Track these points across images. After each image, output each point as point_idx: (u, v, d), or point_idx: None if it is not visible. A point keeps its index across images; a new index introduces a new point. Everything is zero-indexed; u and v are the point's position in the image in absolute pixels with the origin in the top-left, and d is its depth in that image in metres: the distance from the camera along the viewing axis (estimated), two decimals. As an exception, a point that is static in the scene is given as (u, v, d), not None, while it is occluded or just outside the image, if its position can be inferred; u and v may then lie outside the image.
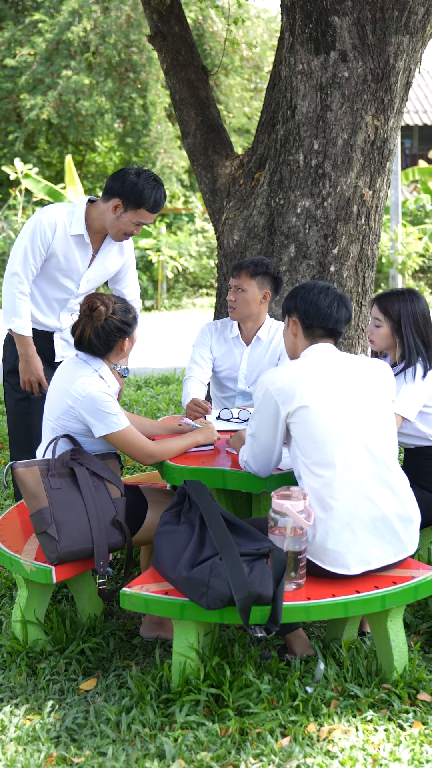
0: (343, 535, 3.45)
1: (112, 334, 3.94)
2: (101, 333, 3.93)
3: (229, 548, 3.32)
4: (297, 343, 3.73)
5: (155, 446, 3.97)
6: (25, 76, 23.45)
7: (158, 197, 4.54)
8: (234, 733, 3.18)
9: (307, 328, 3.68)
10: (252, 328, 5.01)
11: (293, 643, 3.80)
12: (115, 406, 3.87)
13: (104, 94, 23.94)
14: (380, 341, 4.30)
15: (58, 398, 3.91)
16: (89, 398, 3.83)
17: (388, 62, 5.42)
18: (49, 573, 3.72)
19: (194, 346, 5.12)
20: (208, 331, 5.13)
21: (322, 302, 3.65)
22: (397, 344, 4.25)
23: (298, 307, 3.70)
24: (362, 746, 3.13)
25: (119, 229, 4.60)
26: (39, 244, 4.57)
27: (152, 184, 4.53)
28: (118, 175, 4.55)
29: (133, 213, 4.55)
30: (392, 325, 4.24)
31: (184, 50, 6.81)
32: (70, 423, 3.90)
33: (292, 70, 5.52)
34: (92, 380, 3.88)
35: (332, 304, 3.66)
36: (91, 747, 3.19)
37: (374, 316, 4.30)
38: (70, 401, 3.86)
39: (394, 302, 4.24)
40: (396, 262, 21.24)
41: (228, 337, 5.06)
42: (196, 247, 23.80)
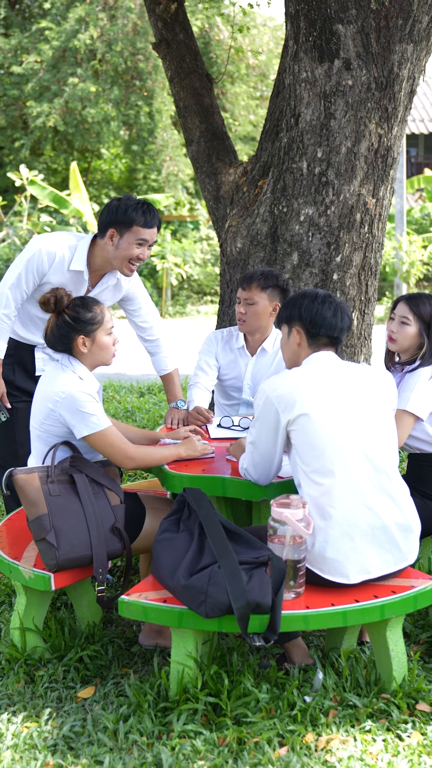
0: (342, 544, 3.43)
1: (64, 328, 3.92)
2: (55, 328, 3.94)
3: (228, 556, 3.31)
4: (299, 352, 3.72)
5: (136, 450, 3.95)
6: (31, 83, 23.50)
7: (145, 210, 4.47)
8: (231, 742, 3.17)
9: (312, 338, 3.67)
10: (258, 340, 5.01)
11: (292, 652, 3.78)
12: (95, 406, 3.85)
13: (110, 102, 23.98)
14: (405, 340, 4.32)
15: (41, 403, 3.90)
16: (69, 398, 3.81)
17: (392, 70, 5.42)
18: (47, 580, 3.71)
19: (200, 353, 5.13)
20: (214, 340, 5.13)
21: (327, 312, 3.65)
22: (426, 344, 4.27)
23: (302, 317, 3.68)
24: (360, 756, 3.12)
25: (122, 257, 4.49)
26: (34, 272, 4.51)
27: (135, 201, 4.49)
28: (104, 209, 4.55)
29: (128, 234, 4.46)
30: (421, 325, 4.27)
31: (188, 58, 6.82)
32: (54, 427, 3.88)
33: (296, 78, 5.52)
34: (72, 381, 3.86)
35: (336, 313, 3.66)
36: (88, 755, 3.18)
37: (402, 314, 4.31)
38: (50, 404, 3.84)
39: (425, 303, 4.29)
40: (400, 271, 21.22)
41: (234, 347, 5.06)
42: (200, 254, 23.80)
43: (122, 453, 3.90)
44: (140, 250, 4.49)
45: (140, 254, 4.50)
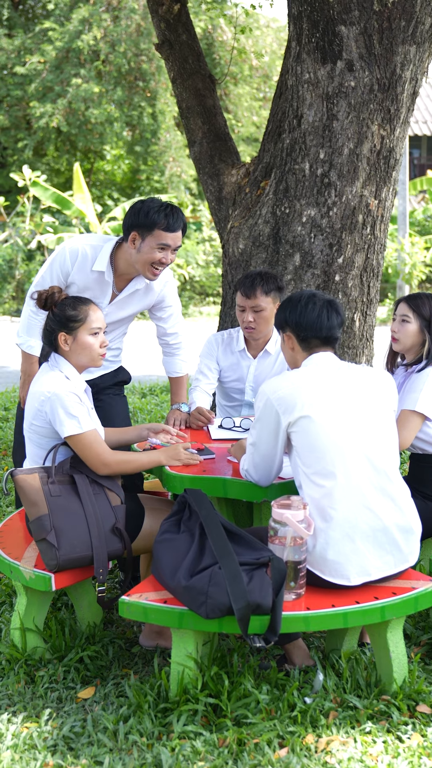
0: (343, 546, 3.43)
1: (49, 325, 3.94)
2: (44, 324, 3.97)
3: (229, 557, 3.31)
4: (296, 356, 3.72)
5: (112, 457, 3.90)
6: (34, 83, 23.54)
7: (168, 213, 4.35)
8: (231, 743, 3.16)
9: (302, 341, 3.68)
10: (261, 342, 5.00)
11: (292, 654, 3.78)
12: (79, 408, 3.83)
13: (113, 103, 24.01)
14: (406, 338, 4.35)
15: (31, 403, 3.90)
16: (55, 397, 3.79)
17: (395, 72, 5.42)
18: (48, 580, 3.71)
19: (201, 356, 5.12)
20: (215, 342, 5.13)
21: (310, 313, 3.64)
22: (427, 342, 4.31)
23: (288, 321, 3.70)
24: (360, 758, 3.11)
25: (144, 260, 4.40)
26: (58, 271, 4.49)
27: (158, 203, 4.38)
28: (128, 210, 4.45)
29: (150, 238, 4.35)
30: (422, 322, 4.32)
31: (191, 59, 6.82)
32: (42, 427, 3.87)
33: (299, 79, 5.52)
34: (58, 380, 3.85)
35: (321, 313, 3.65)
36: (87, 756, 3.18)
37: (402, 313, 4.36)
38: (37, 404, 3.84)
39: (424, 301, 4.34)
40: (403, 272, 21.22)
41: (234, 350, 5.06)
42: (203, 255, 23.82)
43: (98, 458, 3.87)
44: (162, 254, 4.38)
45: (162, 258, 4.39)
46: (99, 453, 3.86)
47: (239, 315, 4.89)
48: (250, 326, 4.85)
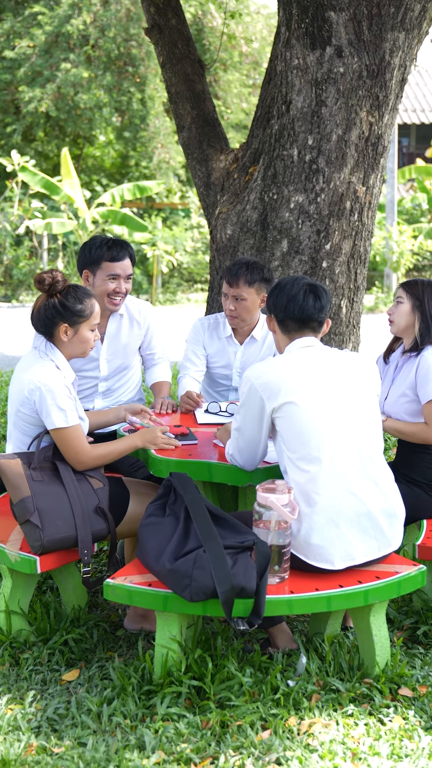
0: (327, 530, 3.45)
1: (50, 312, 3.90)
2: (42, 309, 3.92)
3: (213, 541, 3.32)
4: (279, 339, 3.74)
5: (90, 453, 3.89)
6: (23, 68, 23.40)
7: (111, 246, 4.63)
8: (215, 725, 3.18)
9: (280, 322, 3.70)
10: (247, 329, 5.01)
11: (276, 637, 3.80)
12: (68, 401, 3.83)
13: (103, 88, 23.88)
14: (400, 319, 4.41)
15: (18, 390, 3.89)
16: (47, 389, 3.79)
17: (384, 58, 5.41)
18: (33, 563, 3.72)
19: (187, 342, 5.12)
20: (201, 328, 5.12)
21: (287, 293, 3.66)
22: (416, 320, 4.35)
23: (269, 304, 3.73)
24: (342, 740, 3.14)
25: (101, 293, 4.65)
26: None
27: (101, 239, 4.66)
28: (77, 254, 4.74)
29: (99, 272, 4.64)
30: (414, 301, 4.37)
31: (180, 43, 6.79)
32: (28, 415, 3.87)
33: (288, 64, 5.51)
34: (49, 371, 3.85)
35: (298, 294, 3.66)
36: (71, 737, 3.19)
37: (398, 295, 4.44)
38: (26, 392, 3.82)
39: (418, 284, 4.41)
40: (390, 261, 21.24)
41: (221, 336, 5.06)
42: (191, 242, 23.77)
43: (76, 456, 3.86)
44: (115, 284, 4.65)
45: (116, 288, 4.66)
46: (78, 450, 3.86)
47: (223, 301, 4.91)
48: (231, 314, 4.86)
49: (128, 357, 4.92)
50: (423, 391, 4.22)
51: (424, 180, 23.01)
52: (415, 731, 3.21)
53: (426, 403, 4.21)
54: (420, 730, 3.21)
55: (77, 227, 20.36)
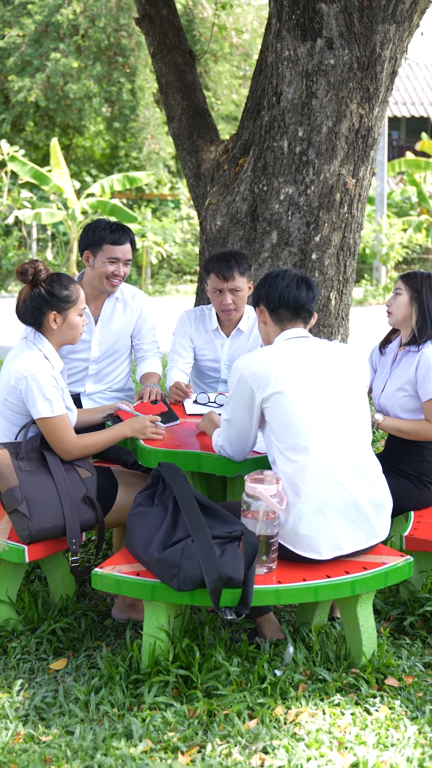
0: (315, 520, 3.46)
1: (37, 301, 3.89)
2: (28, 300, 3.91)
3: (202, 531, 3.33)
4: (269, 330, 3.74)
5: (77, 443, 3.90)
6: (13, 57, 23.31)
7: (114, 229, 4.72)
8: (202, 714, 3.19)
9: (272, 312, 3.70)
10: (234, 321, 5.00)
11: (263, 627, 3.81)
12: (55, 391, 3.83)
13: (93, 78, 23.81)
14: (398, 310, 4.41)
15: (5, 379, 3.88)
16: (33, 379, 3.79)
17: (375, 51, 5.42)
18: (21, 552, 3.72)
19: (174, 335, 5.11)
20: (187, 320, 5.11)
21: (280, 283, 3.68)
22: (414, 312, 4.35)
23: (260, 294, 3.74)
24: (328, 729, 3.15)
25: (99, 275, 4.75)
26: None
27: (104, 222, 4.76)
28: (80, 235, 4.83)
29: (100, 253, 4.73)
30: (412, 293, 4.37)
31: (171, 34, 6.78)
32: (15, 405, 3.86)
33: (279, 56, 5.51)
34: (37, 360, 3.85)
35: (291, 284, 3.68)
36: (59, 726, 3.20)
37: (396, 287, 4.44)
38: (13, 381, 3.82)
39: (417, 276, 4.40)
40: (380, 253, 21.27)
41: (208, 328, 5.05)
42: (181, 233, 23.76)
43: (62, 445, 3.87)
44: (114, 267, 4.74)
45: (115, 270, 4.74)
46: (64, 440, 3.87)
47: (215, 297, 4.87)
48: (228, 308, 4.85)
49: (120, 341, 4.96)
50: (423, 388, 4.23)
51: (413, 173, 23.04)
52: (401, 721, 3.23)
53: (427, 401, 4.23)
54: (406, 720, 3.23)
55: (66, 217, 20.32)
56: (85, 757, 2.97)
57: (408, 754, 3.01)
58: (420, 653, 3.80)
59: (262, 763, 2.96)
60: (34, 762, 2.91)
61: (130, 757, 2.93)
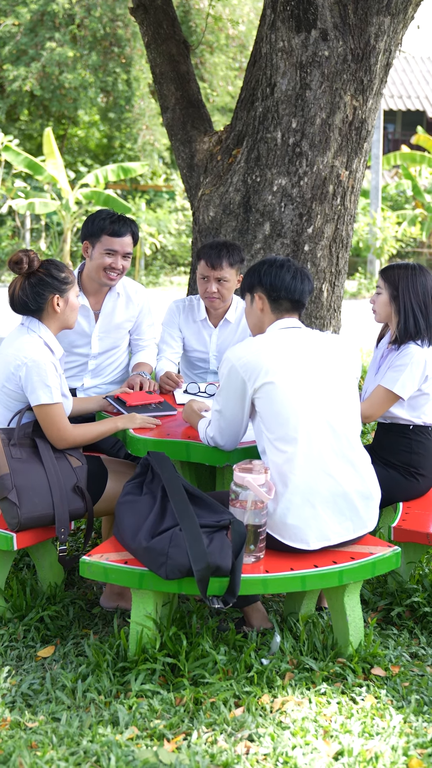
0: (303, 511, 3.47)
1: (38, 287, 3.89)
2: (27, 287, 3.90)
3: (190, 519, 3.34)
4: (263, 318, 3.74)
5: (72, 432, 3.90)
6: (8, 46, 23.25)
7: (115, 220, 4.62)
8: (188, 702, 3.21)
9: (273, 302, 3.70)
10: (221, 311, 5.00)
11: (251, 616, 3.83)
12: (54, 378, 3.84)
13: (88, 68, 23.76)
14: (380, 309, 4.40)
15: (4, 365, 3.88)
16: (33, 365, 3.79)
17: (369, 43, 5.42)
18: (10, 540, 3.73)
19: (163, 325, 5.11)
20: (176, 310, 5.11)
21: (286, 275, 3.68)
22: (393, 312, 4.32)
23: (263, 282, 3.71)
24: (314, 718, 3.17)
25: (97, 266, 4.64)
26: None
27: (107, 213, 4.66)
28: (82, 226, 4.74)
29: (99, 244, 4.62)
30: (391, 291, 4.32)
31: (165, 24, 6.77)
32: (13, 391, 3.86)
33: (273, 47, 5.51)
34: (37, 346, 3.85)
35: (296, 277, 3.69)
36: (45, 712, 3.21)
37: (377, 285, 4.41)
38: (12, 367, 3.82)
39: (396, 271, 4.35)
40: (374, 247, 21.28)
41: (196, 319, 5.04)
42: (175, 224, 23.74)
43: (58, 433, 3.88)
44: (111, 259, 4.63)
45: (112, 263, 4.63)
46: (60, 427, 3.87)
47: (201, 284, 4.87)
48: (213, 296, 4.84)
49: (120, 336, 4.92)
50: (387, 377, 4.22)
51: (408, 167, 23.04)
52: (386, 710, 3.24)
53: (381, 387, 4.22)
54: (391, 709, 3.24)
55: (60, 208, 20.29)
56: (71, 744, 2.98)
57: (393, 742, 3.02)
58: (407, 643, 3.82)
59: (247, 751, 2.97)
60: (20, 748, 2.92)
61: (116, 743, 2.94)
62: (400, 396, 4.20)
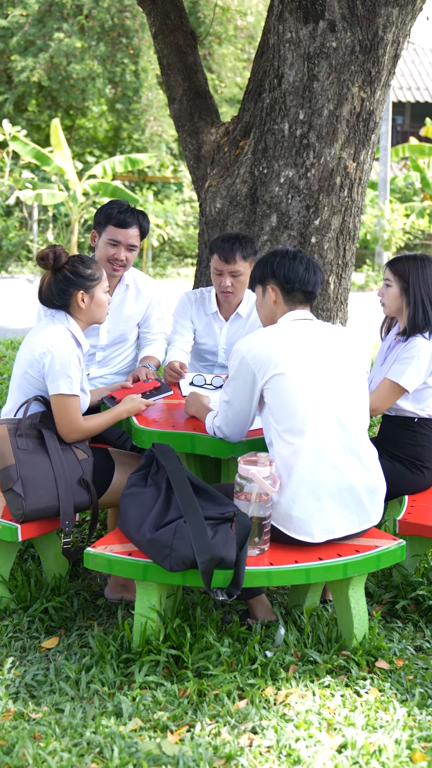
0: (308, 503, 3.46)
1: (63, 283, 3.92)
2: (52, 282, 3.94)
3: (194, 511, 3.33)
4: (276, 310, 3.72)
5: (83, 425, 3.91)
6: (16, 37, 23.20)
7: (123, 211, 4.59)
8: (192, 694, 3.21)
9: (287, 293, 3.68)
10: (233, 305, 4.99)
11: (255, 608, 3.83)
12: (76, 371, 3.85)
13: (96, 59, 23.71)
14: (390, 302, 4.38)
15: (28, 352, 3.89)
16: (58, 354, 3.81)
17: (377, 34, 5.39)
18: (14, 531, 3.73)
19: (175, 316, 5.10)
20: (188, 301, 5.10)
21: (299, 267, 3.67)
22: (404, 305, 4.31)
23: (276, 274, 3.69)
24: (318, 710, 3.17)
25: (101, 257, 4.63)
26: None
27: (118, 204, 4.64)
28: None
29: (104, 234, 4.62)
30: (401, 284, 4.31)
31: (173, 14, 6.74)
32: (34, 378, 3.88)
33: (281, 38, 5.48)
34: (63, 336, 3.87)
35: (309, 268, 3.68)
36: (49, 703, 3.21)
37: (385, 277, 4.40)
38: (37, 355, 3.84)
39: (405, 263, 4.33)
40: (382, 239, 21.23)
41: (208, 311, 5.04)
42: (183, 216, 23.70)
43: (70, 425, 3.88)
44: (114, 251, 4.61)
45: (115, 254, 4.61)
46: (73, 420, 3.88)
47: (215, 278, 4.87)
48: (227, 290, 4.83)
49: (128, 329, 4.93)
50: (393, 369, 4.22)
51: (417, 159, 22.97)
52: (390, 703, 3.24)
53: (387, 379, 4.21)
54: (395, 702, 3.24)
55: (68, 199, 20.26)
56: (74, 735, 2.98)
57: (396, 735, 3.02)
58: (411, 637, 3.81)
59: (250, 743, 2.97)
60: (23, 739, 2.92)
61: (119, 735, 2.94)
62: (405, 389, 4.19)
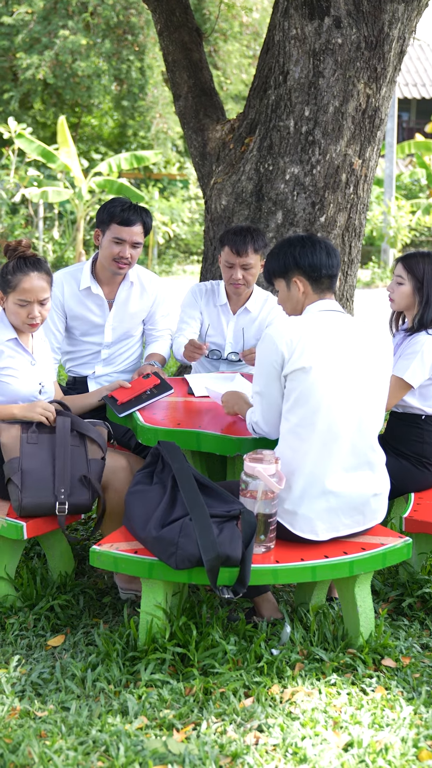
0: (315, 502, 3.45)
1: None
2: None
3: (200, 509, 3.33)
4: (304, 301, 3.66)
5: None
6: (21, 34, 23.19)
7: (126, 209, 4.57)
8: (198, 692, 3.20)
9: (315, 282, 3.63)
10: (243, 298, 4.98)
11: (261, 606, 3.82)
12: None
13: (101, 56, 23.69)
14: (401, 300, 4.36)
15: None
16: None
17: (383, 30, 5.38)
18: (20, 529, 3.73)
19: (183, 306, 5.07)
20: (198, 293, 5.09)
21: (321, 253, 3.63)
22: (416, 303, 4.30)
23: (300, 264, 3.63)
24: (324, 709, 3.16)
25: (105, 255, 4.63)
26: (55, 307, 4.67)
27: (121, 201, 4.62)
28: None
29: (108, 232, 4.60)
30: (415, 283, 4.31)
31: (178, 11, 6.74)
32: None
33: (286, 34, 5.47)
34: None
35: (329, 252, 3.65)
36: (55, 702, 3.21)
37: (397, 273, 4.37)
38: None
39: (419, 261, 4.32)
40: (387, 236, 21.20)
41: (217, 304, 5.03)
42: (188, 213, 23.69)
43: None
44: (119, 249, 4.59)
45: (120, 252, 4.59)
46: None
47: (226, 271, 4.85)
48: (238, 282, 4.82)
49: (133, 326, 4.93)
50: (398, 365, 4.21)
51: (423, 155, 22.93)
52: (396, 701, 3.23)
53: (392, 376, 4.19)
54: (402, 700, 3.23)
55: (73, 196, 20.25)
56: (80, 733, 2.98)
57: (403, 734, 3.01)
58: (418, 634, 3.81)
59: (256, 741, 2.97)
60: (29, 737, 2.92)
61: (125, 733, 2.94)
62: (410, 384, 4.18)
